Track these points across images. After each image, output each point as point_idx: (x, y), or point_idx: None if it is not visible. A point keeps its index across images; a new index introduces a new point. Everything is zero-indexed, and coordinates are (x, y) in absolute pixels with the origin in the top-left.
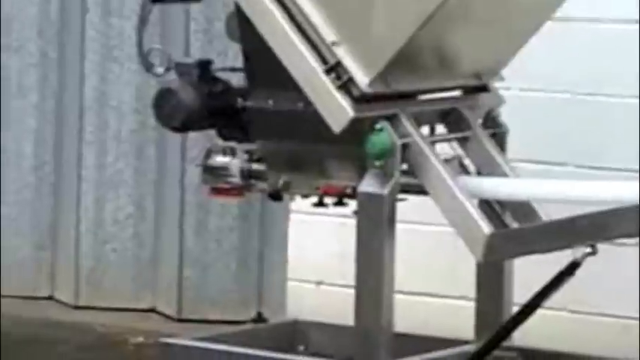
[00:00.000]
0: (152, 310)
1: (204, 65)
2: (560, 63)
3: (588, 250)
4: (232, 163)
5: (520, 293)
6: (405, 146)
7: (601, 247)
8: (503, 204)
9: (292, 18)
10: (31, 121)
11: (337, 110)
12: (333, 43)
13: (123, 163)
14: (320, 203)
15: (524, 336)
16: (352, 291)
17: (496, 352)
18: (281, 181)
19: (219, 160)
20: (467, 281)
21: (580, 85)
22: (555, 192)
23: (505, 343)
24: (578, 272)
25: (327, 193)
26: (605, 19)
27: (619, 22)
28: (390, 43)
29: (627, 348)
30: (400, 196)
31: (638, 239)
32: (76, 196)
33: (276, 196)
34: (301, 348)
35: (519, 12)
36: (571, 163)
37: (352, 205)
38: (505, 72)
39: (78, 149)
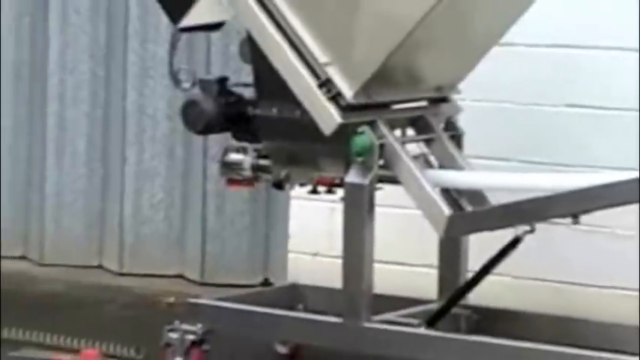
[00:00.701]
0: (180, 276)
1: (222, 81)
2: (505, 79)
3: (528, 228)
4: (244, 159)
5: (473, 262)
6: (382, 146)
7: (538, 226)
8: (460, 191)
9: (292, 44)
10: (83, 126)
11: (327, 117)
12: (325, 64)
13: (157, 160)
14: (314, 191)
15: (476, 296)
16: (340, 261)
17: (454, 310)
18: (283, 174)
19: (234, 157)
20: (431, 253)
21: (520, 97)
22: (502, 182)
23: (461, 302)
24: (520, 246)
25: (320, 183)
26: (540, 44)
27: (551, 47)
28: (369, 64)
29: (559, 306)
30: (378, 185)
31: (569, 219)
32: (120, 186)
33: (279, 185)
34: (300, 307)
35: (472, 39)
36: (514, 159)
37: (340, 192)
38: (462, 86)
39: (121, 149)
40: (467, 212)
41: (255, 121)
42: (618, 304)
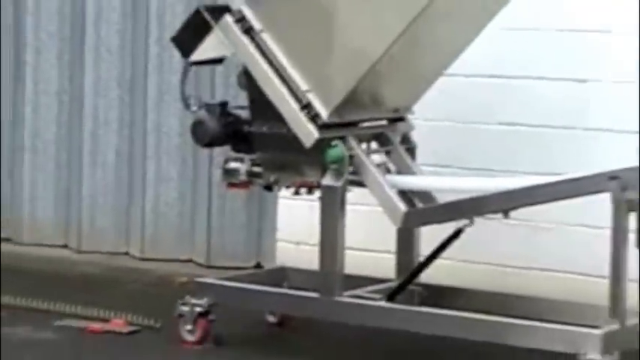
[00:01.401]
0: (190, 261)
1: (224, 105)
2: (449, 102)
3: (467, 221)
4: (241, 167)
5: (425, 249)
6: (351, 156)
7: (476, 219)
8: (413, 192)
9: (279, 75)
10: (112, 141)
11: (308, 133)
12: (305, 91)
13: (171, 168)
14: (297, 192)
15: (427, 276)
16: (318, 248)
17: (409, 287)
18: (272, 178)
19: (233, 165)
20: (390, 241)
21: (461, 116)
22: (447, 184)
23: (415, 281)
24: (462, 235)
25: (302, 186)
26: (476, 74)
27: (485, 77)
28: (341, 90)
29: (492, 284)
30: (348, 187)
31: (500, 214)
32: (142, 189)
33: (269, 188)
34: (285, 285)
35: (423, 70)
36: (454, 166)
37: (317, 193)
38: (415, 108)
39: (143, 159)
40: (419, 209)
41: (250, 137)
42: (540, 282)
